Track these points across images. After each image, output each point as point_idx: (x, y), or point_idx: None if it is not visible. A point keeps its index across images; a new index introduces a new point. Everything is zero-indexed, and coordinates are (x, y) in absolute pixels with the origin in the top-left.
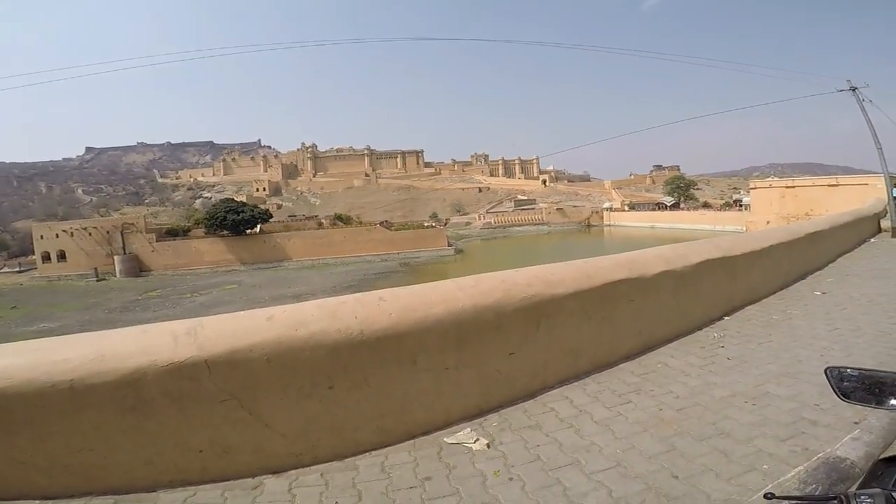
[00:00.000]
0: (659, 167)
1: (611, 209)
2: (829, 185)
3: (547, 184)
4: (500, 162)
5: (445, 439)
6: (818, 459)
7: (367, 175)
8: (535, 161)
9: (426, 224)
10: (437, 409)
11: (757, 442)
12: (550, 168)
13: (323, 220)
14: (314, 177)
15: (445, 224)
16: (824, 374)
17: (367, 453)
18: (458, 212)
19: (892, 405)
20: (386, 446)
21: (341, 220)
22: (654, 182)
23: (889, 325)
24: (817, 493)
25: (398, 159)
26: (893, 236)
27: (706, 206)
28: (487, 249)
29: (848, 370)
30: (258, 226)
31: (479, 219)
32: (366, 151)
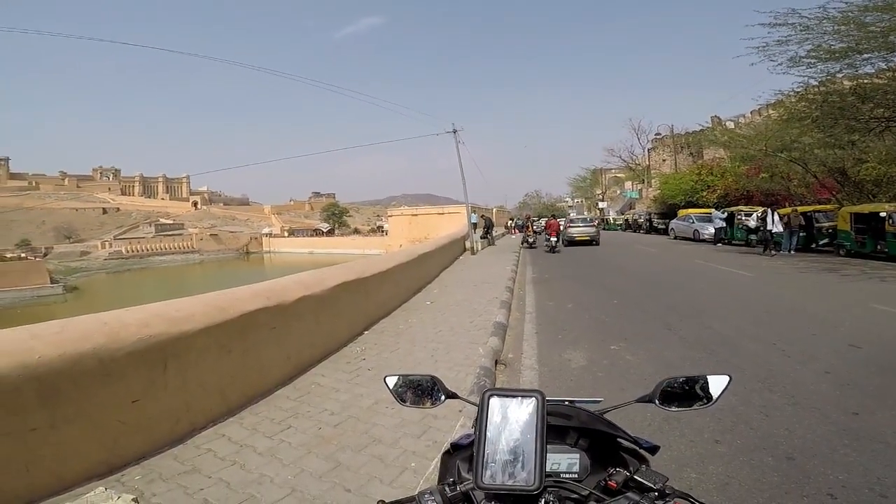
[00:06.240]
0: (318, 194)
1: (270, 235)
2: (439, 214)
3: (199, 206)
4: (138, 179)
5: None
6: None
7: None
8: (184, 180)
9: (9, 255)
10: (39, 475)
11: (402, 443)
12: (204, 189)
13: None
14: None
15: (46, 255)
16: (384, 383)
17: None
18: (69, 238)
19: (435, 401)
20: None
21: None
22: (312, 208)
23: (469, 323)
24: None
25: None
26: (472, 254)
27: (356, 231)
28: (117, 285)
29: (398, 377)
30: None
31: (104, 247)
32: None
